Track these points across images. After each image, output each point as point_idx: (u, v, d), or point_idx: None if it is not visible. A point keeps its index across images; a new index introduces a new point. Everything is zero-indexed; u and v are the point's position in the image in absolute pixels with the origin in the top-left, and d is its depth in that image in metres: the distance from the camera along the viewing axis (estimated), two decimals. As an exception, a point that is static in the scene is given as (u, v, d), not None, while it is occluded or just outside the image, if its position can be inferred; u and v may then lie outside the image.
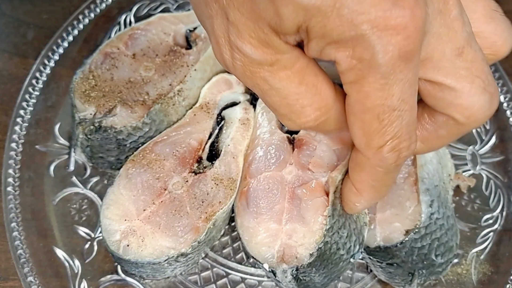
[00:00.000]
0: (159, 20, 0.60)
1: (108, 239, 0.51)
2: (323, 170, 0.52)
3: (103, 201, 0.52)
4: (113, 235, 0.51)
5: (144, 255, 0.50)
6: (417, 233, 0.51)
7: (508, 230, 0.59)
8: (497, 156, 0.62)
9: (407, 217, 0.52)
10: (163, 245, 0.50)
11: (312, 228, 0.50)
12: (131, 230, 0.51)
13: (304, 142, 0.53)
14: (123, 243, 0.50)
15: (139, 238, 0.51)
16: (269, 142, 0.54)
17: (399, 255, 0.51)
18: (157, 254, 0.50)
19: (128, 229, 0.51)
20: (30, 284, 0.54)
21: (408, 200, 0.52)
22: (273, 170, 0.53)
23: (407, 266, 0.51)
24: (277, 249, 0.50)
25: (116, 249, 0.50)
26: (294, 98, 0.38)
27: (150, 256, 0.50)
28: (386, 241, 0.51)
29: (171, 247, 0.50)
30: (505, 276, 0.57)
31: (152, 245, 0.50)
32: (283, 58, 0.36)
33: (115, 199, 0.52)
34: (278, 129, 0.55)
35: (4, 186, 0.58)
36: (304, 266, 0.49)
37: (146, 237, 0.51)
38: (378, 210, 0.53)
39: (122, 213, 0.51)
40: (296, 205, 0.51)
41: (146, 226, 0.51)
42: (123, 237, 0.51)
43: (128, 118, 0.55)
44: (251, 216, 0.52)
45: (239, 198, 0.53)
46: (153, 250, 0.50)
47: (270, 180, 0.53)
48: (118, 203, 0.52)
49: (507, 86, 0.64)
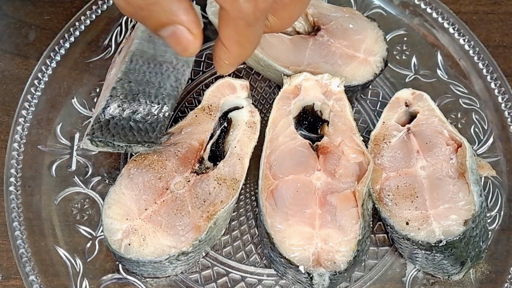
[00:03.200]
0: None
1: (110, 238, 0.51)
2: (350, 180, 0.54)
3: (105, 201, 0.53)
4: (114, 234, 0.51)
5: (145, 253, 0.51)
6: (474, 221, 0.53)
7: (506, 229, 0.60)
8: (495, 156, 0.62)
9: (461, 208, 0.54)
10: (164, 244, 0.51)
11: (349, 236, 0.52)
12: (132, 229, 0.51)
13: (329, 151, 0.56)
14: (124, 242, 0.51)
15: (141, 237, 0.51)
16: (291, 146, 0.56)
17: (459, 246, 0.53)
18: (158, 253, 0.51)
19: (130, 228, 0.51)
20: (31, 283, 0.54)
21: (460, 192, 0.54)
22: (300, 174, 0.55)
23: (462, 255, 0.54)
24: (312, 252, 0.52)
25: (118, 248, 0.51)
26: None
27: (151, 255, 0.51)
28: (447, 234, 0.53)
29: (172, 245, 0.51)
30: (503, 275, 0.57)
31: (153, 244, 0.51)
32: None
33: (117, 198, 0.52)
34: (297, 135, 0.57)
35: (6, 185, 0.58)
36: (341, 272, 0.51)
37: (147, 236, 0.51)
38: (429, 207, 0.54)
39: (123, 212, 0.52)
40: (328, 211, 0.53)
41: (147, 225, 0.51)
42: (124, 236, 0.51)
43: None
44: (282, 217, 0.53)
45: (266, 196, 0.54)
46: (154, 249, 0.51)
47: (298, 183, 0.54)
48: (120, 202, 0.52)
49: (505, 87, 0.65)
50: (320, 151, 0.56)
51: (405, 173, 0.56)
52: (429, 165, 0.56)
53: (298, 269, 0.51)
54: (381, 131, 0.58)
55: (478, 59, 0.66)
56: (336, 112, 0.57)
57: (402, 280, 0.57)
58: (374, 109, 0.65)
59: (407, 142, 0.58)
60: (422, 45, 0.68)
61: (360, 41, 0.62)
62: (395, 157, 0.57)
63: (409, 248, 0.55)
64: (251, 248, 0.58)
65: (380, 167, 0.57)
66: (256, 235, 0.59)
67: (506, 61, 0.68)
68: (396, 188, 0.56)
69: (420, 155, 0.57)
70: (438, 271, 0.56)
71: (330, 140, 0.56)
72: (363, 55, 0.61)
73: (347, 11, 0.64)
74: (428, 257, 0.54)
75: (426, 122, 0.58)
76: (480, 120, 0.64)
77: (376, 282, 0.57)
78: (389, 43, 0.63)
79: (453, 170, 0.56)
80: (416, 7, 0.68)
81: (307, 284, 0.53)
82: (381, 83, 0.66)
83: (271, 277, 0.57)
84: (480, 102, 0.65)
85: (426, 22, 0.68)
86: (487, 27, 0.70)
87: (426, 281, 0.57)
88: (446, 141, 0.57)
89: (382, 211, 0.55)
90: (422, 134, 0.58)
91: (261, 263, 0.58)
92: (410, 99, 0.59)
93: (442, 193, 0.55)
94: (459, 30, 0.67)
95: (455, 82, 0.66)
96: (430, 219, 0.54)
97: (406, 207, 0.55)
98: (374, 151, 0.58)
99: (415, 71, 0.67)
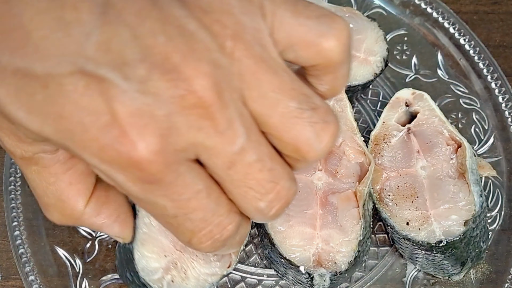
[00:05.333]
0: None
1: (149, 278, 0.47)
2: (351, 180, 0.54)
3: (136, 236, 0.47)
4: (154, 274, 0.48)
5: (190, 287, 0.48)
6: (474, 222, 0.53)
7: (507, 230, 0.59)
8: (495, 156, 0.62)
9: (461, 208, 0.54)
10: (204, 272, 0.49)
11: (350, 236, 0.52)
12: (173, 264, 0.48)
13: (331, 151, 0.55)
14: (166, 279, 0.48)
15: (181, 270, 0.48)
16: None
17: (459, 246, 0.53)
18: (201, 284, 0.48)
19: (170, 263, 0.48)
20: (31, 283, 0.54)
21: (460, 192, 0.54)
22: (301, 174, 0.54)
23: (462, 255, 0.54)
24: (312, 252, 0.52)
25: (159, 287, 0.48)
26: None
27: (195, 287, 0.48)
28: (447, 234, 0.53)
29: (211, 273, 0.49)
30: (503, 275, 0.57)
31: (194, 275, 0.49)
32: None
33: (149, 232, 0.48)
34: None
35: (6, 185, 0.58)
36: (342, 272, 0.51)
37: (187, 269, 0.49)
38: (430, 207, 0.54)
39: (159, 248, 0.48)
40: (329, 211, 0.53)
41: (185, 256, 0.49)
42: (165, 273, 0.48)
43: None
44: (283, 218, 0.53)
45: None
46: (197, 280, 0.48)
47: (299, 184, 0.54)
48: (151, 237, 0.48)
49: (506, 87, 0.65)
50: None
51: (406, 173, 0.56)
52: (430, 165, 0.56)
53: (298, 270, 0.51)
54: (381, 131, 0.58)
55: (478, 59, 0.66)
56: (337, 113, 0.57)
57: (403, 280, 0.57)
58: (375, 109, 0.65)
59: (407, 142, 0.58)
60: (423, 45, 0.68)
61: (360, 41, 0.62)
62: (395, 157, 0.57)
63: (410, 248, 0.55)
64: (251, 248, 0.58)
65: (380, 167, 0.57)
66: (256, 236, 0.58)
67: (507, 61, 0.68)
68: (396, 188, 0.56)
69: (421, 155, 0.57)
70: (438, 271, 0.56)
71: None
72: (363, 55, 0.61)
73: (347, 11, 0.63)
74: (428, 257, 0.54)
75: (426, 122, 0.58)
76: (480, 120, 0.64)
77: (377, 283, 0.57)
78: (389, 43, 0.63)
79: (453, 170, 0.56)
80: (416, 7, 0.68)
81: (308, 285, 0.53)
82: (382, 83, 0.66)
83: (271, 277, 0.57)
84: (481, 102, 0.65)
85: (426, 22, 0.68)
86: (487, 27, 0.70)
87: (427, 281, 0.57)
88: (446, 141, 0.57)
89: (382, 211, 0.55)
90: (422, 134, 0.57)
91: (261, 263, 0.58)
92: (410, 99, 0.59)
93: (442, 193, 0.55)
94: (459, 30, 0.67)
95: (456, 82, 0.66)
96: (431, 219, 0.54)
97: (406, 207, 0.55)
98: (374, 151, 0.58)
99: (416, 71, 0.67)
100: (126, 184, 0.32)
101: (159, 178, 0.32)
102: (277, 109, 0.33)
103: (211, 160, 0.33)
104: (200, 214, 0.34)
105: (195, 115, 0.31)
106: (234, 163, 0.33)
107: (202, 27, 0.31)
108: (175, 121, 0.31)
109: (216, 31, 0.31)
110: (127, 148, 0.30)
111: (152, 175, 0.31)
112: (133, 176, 0.32)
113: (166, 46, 0.30)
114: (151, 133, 0.30)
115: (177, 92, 0.30)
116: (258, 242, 0.58)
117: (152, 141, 0.30)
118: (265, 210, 0.35)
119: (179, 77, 0.30)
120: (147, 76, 0.30)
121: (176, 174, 0.32)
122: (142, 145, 0.30)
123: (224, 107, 0.31)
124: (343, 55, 0.35)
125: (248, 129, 0.33)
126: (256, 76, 0.32)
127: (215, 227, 0.35)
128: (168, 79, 0.30)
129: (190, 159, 0.33)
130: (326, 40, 0.34)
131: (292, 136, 0.33)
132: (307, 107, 0.33)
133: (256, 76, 0.32)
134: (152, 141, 0.30)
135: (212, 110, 0.31)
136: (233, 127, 0.32)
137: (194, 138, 0.31)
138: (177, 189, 0.33)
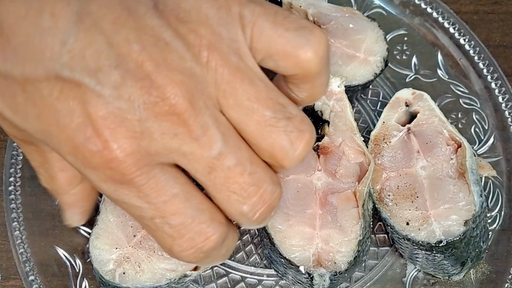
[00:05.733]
0: None
1: (101, 270, 0.50)
2: (351, 180, 0.54)
3: (93, 231, 0.51)
4: (106, 265, 0.50)
5: (143, 280, 0.49)
6: (474, 222, 0.53)
7: (507, 230, 0.59)
8: (495, 156, 0.62)
9: (461, 208, 0.54)
10: (163, 267, 0.50)
11: (349, 236, 0.52)
12: (124, 257, 0.50)
13: (330, 151, 0.55)
14: (118, 271, 0.49)
15: (135, 264, 0.50)
16: None
17: (459, 246, 0.53)
18: (157, 278, 0.49)
19: (121, 257, 0.50)
20: (31, 283, 0.54)
21: (460, 192, 0.54)
22: (301, 174, 0.54)
23: (462, 255, 0.54)
24: (312, 252, 0.52)
25: (112, 278, 0.49)
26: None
27: (150, 281, 0.49)
28: (447, 234, 0.53)
29: (171, 269, 0.49)
30: (503, 275, 0.57)
31: (150, 269, 0.49)
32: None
33: (104, 227, 0.51)
34: None
35: (6, 185, 0.58)
36: (342, 272, 0.51)
37: (142, 262, 0.50)
38: (429, 207, 0.54)
39: (111, 241, 0.50)
40: (329, 211, 0.53)
41: (139, 252, 0.50)
42: (117, 265, 0.50)
43: None
44: (283, 218, 0.53)
45: None
46: (152, 274, 0.49)
47: (299, 183, 0.54)
48: (107, 231, 0.51)
49: (506, 87, 0.65)
50: (321, 151, 0.56)
51: (406, 173, 0.56)
52: (430, 165, 0.56)
53: (298, 270, 0.51)
54: (381, 131, 0.58)
55: (478, 59, 0.66)
56: (337, 113, 0.57)
57: (403, 280, 0.57)
58: (374, 109, 0.65)
59: (407, 142, 0.58)
60: (423, 45, 0.68)
61: (360, 41, 0.62)
62: (395, 157, 0.57)
63: (410, 248, 0.55)
64: (251, 248, 0.58)
65: (380, 167, 0.57)
66: (256, 236, 0.58)
67: (507, 61, 0.68)
68: (396, 188, 0.56)
69: (421, 155, 0.57)
70: (438, 271, 0.56)
71: (330, 140, 0.56)
72: (363, 55, 0.61)
73: (347, 11, 0.63)
74: (428, 257, 0.54)
75: (426, 122, 0.58)
76: (480, 120, 0.64)
77: (377, 283, 0.57)
78: (389, 43, 0.63)
79: (453, 170, 0.56)
80: (416, 7, 0.68)
81: (308, 285, 0.53)
82: (382, 83, 0.66)
83: (271, 277, 0.57)
84: (481, 102, 0.65)
85: (426, 22, 0.68)
86: (487, 27, 0.70)
87: (427, 281, 0.57)
88: (446, 141, 0.57)
89: (382, 211, 0.55)
90: (422, 134, 0.57)
91: (261, 263, 0.58)
92: (410, 99, 0.59)
93: (442, 193, 0.55)
94: (459, 30, 0.67)
95: (456, 82, 0.66)
96: (431, 219, 0.54)
97: (406, 207, 0.55)
98: (374, 151, 0.58)
99: (416, 71, 0.67)
100: (99, 183, 0.34)
101: (130, 179, 0.33)
102: (253, 118, 0.34)
103: (191, 166, 0.34)
104: (178, 219, 0.34)
105: (169, 122, 0.32)
106: (214, 168, 0.33)
107: (177, 36, 0.32)
108: (148, 126, 0.32)
109: (192, 41, 0.32)
110: (99, 148, 0.32)
111: (122, 175, 0.32)
112: (104, 175, 0.33)
113: (140, 54, 0.31)
114: (124, 135, 0.32)
115: (149, 99, 0.31)
116: (258, 242, 0.58)
117: (124, 142, 0.32)
118: (249, 214, 0.35)
119: (152, 84, 0.31)
120: (121, 82, 0.31)
121: (148, 176, 0.33)
122: (114, 146, 0.32)
123: (197, 114, 0.32)
124: (320, 66, 0.36)
125: (225, 135, 0.33)
126: (232, 84, 0.33)
127: (196, 235, 0.35)
128: (141, 86, 0.31)
129: (166, 163, 0.34)
130: (304, 52, 0.35)
131: (268, 144, 0.35)
132: (283, 116, 0.35)
133: (231, 84, 0.33)
134: (124, 142, 0.32)
135: (185, 117, 0.32)
136: (208, 133, 0.33)
137: (169, 143, 0.33)
138: (150, 191, 0.33)
